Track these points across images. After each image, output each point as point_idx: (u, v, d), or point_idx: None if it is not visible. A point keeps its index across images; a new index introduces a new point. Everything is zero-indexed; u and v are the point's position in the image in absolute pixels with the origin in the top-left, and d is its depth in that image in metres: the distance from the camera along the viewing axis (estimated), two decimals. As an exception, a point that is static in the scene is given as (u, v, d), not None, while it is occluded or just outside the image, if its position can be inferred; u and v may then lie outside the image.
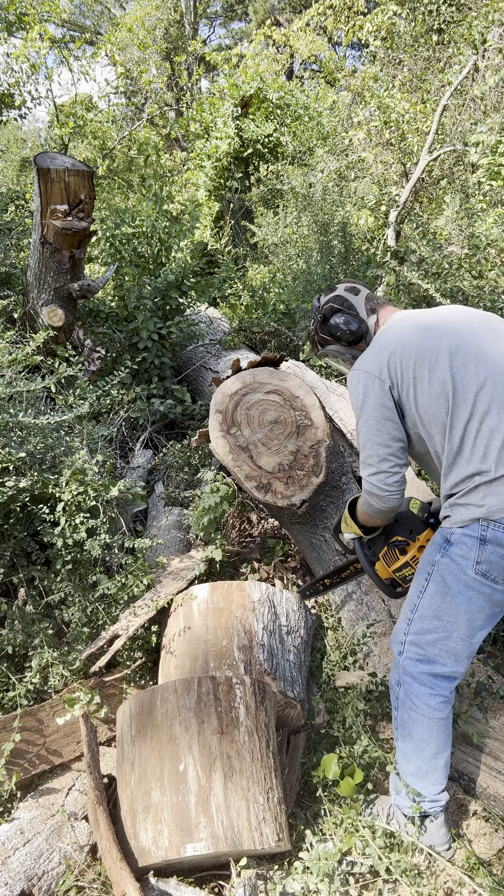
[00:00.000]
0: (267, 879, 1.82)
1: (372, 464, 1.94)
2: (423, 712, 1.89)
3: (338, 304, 2.20)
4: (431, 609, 1.86)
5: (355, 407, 1.98)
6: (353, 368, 2.00)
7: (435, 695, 1.88)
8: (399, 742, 1.97)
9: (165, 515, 3.36)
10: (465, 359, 1.84)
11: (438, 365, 1.85)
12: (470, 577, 1.79)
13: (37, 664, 2.43)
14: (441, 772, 1.92)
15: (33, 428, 2.85)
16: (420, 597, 1.90)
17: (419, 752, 1.91)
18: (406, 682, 1.92)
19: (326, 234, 5.78)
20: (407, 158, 7.36)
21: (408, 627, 1.92)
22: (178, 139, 13.54)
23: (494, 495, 1.74)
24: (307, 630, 2.64)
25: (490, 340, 1.89)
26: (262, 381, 2.98)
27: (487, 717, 2.24)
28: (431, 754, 1.90)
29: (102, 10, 17.23)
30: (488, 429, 1.76)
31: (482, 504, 1.75)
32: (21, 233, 5.51)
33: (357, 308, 2.18)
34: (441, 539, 1.88)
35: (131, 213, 4.92)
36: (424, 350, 1.88)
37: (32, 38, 7.65)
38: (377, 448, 1.92)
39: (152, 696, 1.96)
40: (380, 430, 1.91)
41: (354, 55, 18.22)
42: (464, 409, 1.80)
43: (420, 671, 1.89)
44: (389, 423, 1.91)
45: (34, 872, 1.83)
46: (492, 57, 6.61)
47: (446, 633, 1.84)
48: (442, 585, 1.84)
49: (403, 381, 1.89)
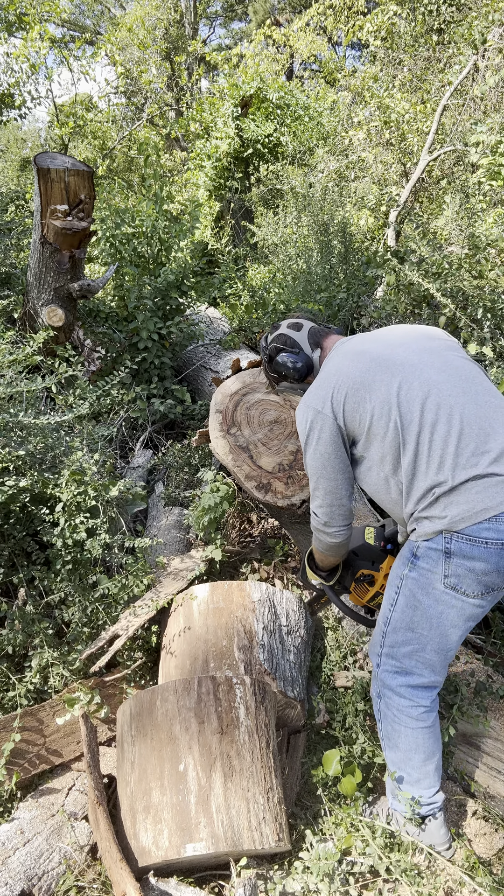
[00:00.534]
0: (267, 879, 1.82)
1: (318, 496, 1.97)
2: (406, 724, 1.88)
3: (280, 343, 2.24)
4: (403, 622, 1.84)
5: (302, 441, 1.98)
6: (301, 404, 1.99)
7: (416, 706, 1.87)
8: (387, 752, 1.97)
9: (165, 515, 3.36)
10: (404, 373, 1.82)
11: (378, 386, 1.83)
12: (440, 590, 1.75)
13: (37, 664, 2.43)
14: (433, 776, 1.91)
15: (33, 428, 2.85)
16: (392, 610, 1.88)
17: (408, 762, 1.91)
18: (386, 695, 1.92)
19: (326, 234, 5.78)
20: (407, 158, 7.35)
21: (383, 640, 1.91)
22: (178, 139, 13.54)
23: (455, 505, 1.69)
24: (307, 630, 2.64)
25: (426, 351, 1.89)
26: (262, 381, 2.98)
27: (487, 717, 2.24)
28: (420, 762, 1.90)
29: (102, 10, 17.23)
30: (440, 437, 1.73)
31: (444, 515, 1.70)
32: (21, 233, 5.51)
33: (300, 344, 2.21)
34: (408, 552, 1.83)
35: (131, 213, 4.92)
36: (363, 374, 1.87)
37: (32, 38, 7.65)
38: (323, 482, 1.94)
39: (152, 696, 1.96)
40: (325, 465, 1.92)
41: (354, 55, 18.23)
42: (412, 423, 1.76)
43: (398, 683, 1.88)
44: (334, 458, 1.91)
45: (34, 872, 1.83)
46: (492, 57, 6.61)
47: (420, 644, 1.83)
48: (412, 599, 1.81)
49: (347, 410, 1.87)
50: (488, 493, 1.67)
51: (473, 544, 1.68)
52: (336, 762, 2.10)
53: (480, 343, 3.62)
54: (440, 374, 1.81)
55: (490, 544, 1.67)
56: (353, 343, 2.04)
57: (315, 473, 1.95)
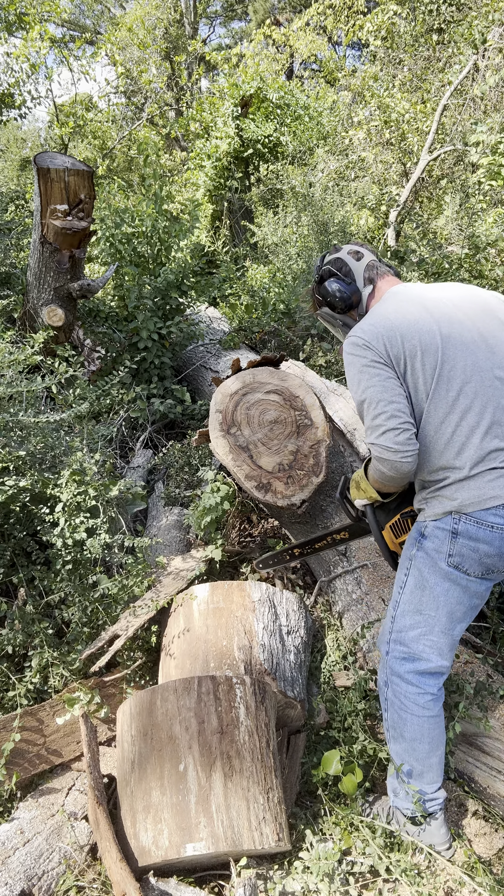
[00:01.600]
0: (267, 879, 1.82)
1: (381, 423, 1.77)
2: (412, 711, 1.89)
3: (335, 267, 2.11)
4: (412, 604, 1.88)
5: (352, 374, 1.87)
6: (351, 335, 1.90)
7: (423, 693, 1.89)
8: (391, 743, 1.97)
9: (165, 515, 3.36)
10: (455, 349, 1.80)
11: (430, 349, 1.80)
12: (444, 569, 1.81)
13: (37, 664, 2.43)
14: (436, 770, 1.92)
15: (33, 428, 2.85)
16: (401, 593, 1.92)
17: (412, 752, 1.91)
18: (394, 682, 1.93)
19: (326, 233, 5.78)
20: (407, 158, 7.35)
21: (392, 625, 1.94)
22: (178, 139, 13.53)
23: (466, 490, 1.75)
24: (307, 630, 2.64)
25: (484, 333, 1.84)
26: (262, 381, 2.98)
27: (487, 717, 2.24)
28: (424, 753, 1.90)
29: (102, 10, 17.22)
30: (468, 426, 1.74)
31: (455, 498, 1.76)
32: (21, 233, 5.52)
33: (354, 275, 2.09)
34: (416, 533, 1.89)
35: (131, 213, 4.92)
36: (420, 331, 1.82)
37: (32, 37, 7.65)
38: (383, 406, 1.77)
39: (152, 695, 1.96)
40: (385, 388, 1.79)
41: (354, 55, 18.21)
42: (445, 399, 1.77)
43: (406, 670, 1.90)
44: (392, 382, 1.81)
45: (34, 872, 1.83)
46: (492, 57, 6.61)
47: (428, 627, 1.86)
48: (420, 579, 1.86)
49: (395, 356, 1.82)
50: (499, 482, 1.73)
51: (480, 527, 1.74)
52: (336, 762, 2.11)
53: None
54: (488, 361, 1.79)
55: (496, 528, 1.73)
56: (414, 293, 1.97)
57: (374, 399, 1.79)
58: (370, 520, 2.12)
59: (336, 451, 3.07)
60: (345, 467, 3.12)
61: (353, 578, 2.76)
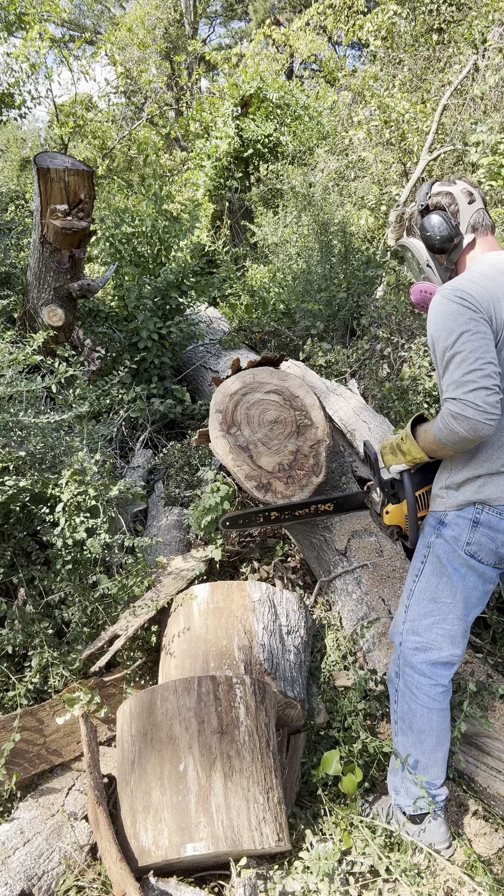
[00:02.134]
0: (267, 879, 1.82)
1: (473, 379, 1.64)
2: (422, 702, 1.90)
3: (445, 202, 1.94)
4: (428, 592, 1.90)
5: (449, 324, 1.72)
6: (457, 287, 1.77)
7: (435, 684, 1.90)
8: (398, 736, 1.98)
9: (165, 515, 3.36)
10: None
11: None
12: (461, 556, 1.84)
13: (37, 664, 2.43)
14: (440, 765, 1.93)
15: (33, 428, 2.85)
16: (416, 580, 1.93)
17: (418, 744, 1.92)
18: (406, 673, 1.93)
19: (326, 233, 5.78)
20: (407, 158, 7.35)
21: (405, 614, 1.95)
22: (177, 139, 13.53)
23: (494, 485, 1.79)
24: (307, 630, 2.64)
25: None
26: (262, 381, 2.98)
27: (487, 717, 2.24)
28: (431, 746, 1.91)
29: (102, 10, 17.22)
30: None
31: (482, 491, 1.80)
32: (21, 233, 5.51)
33: (461, 217, 1.93)
34: (434, 521, 1.91)
35: (131, 213, 4.92)
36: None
37: (32, 37, 7.64)
38: (481, 363, 1.65)
39: (152, 695, 1.96)
40: (486, 347, 1.67)
41: (354, 55, 18.21)
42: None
43: (420, 660, 1.90)
44: (492, 344, 1.70)
45: (34, 872, 1.83)
46: (492, 56, 6.61)
47: (442, 615, 1.88)
48: (438, 566, 1.88)
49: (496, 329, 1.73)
50: None
51: (501, 518, 1.79)
52: (336, 762, 2.11)
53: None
54: None
55: None
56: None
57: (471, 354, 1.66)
58: (406, 486, 1.98)
59: (336, 451, 3.07)
60: (345, 467, 3.12)
61: (353, 578, 2.76)
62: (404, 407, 3.72)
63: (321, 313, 5.07)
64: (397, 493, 2.09)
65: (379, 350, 4.33)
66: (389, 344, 4.24)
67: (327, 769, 2.11)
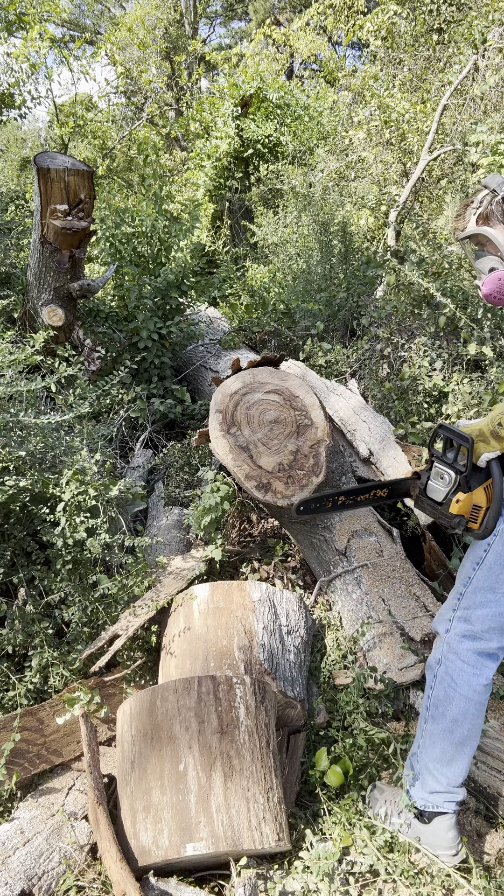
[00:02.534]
0: (267, 879, 1.83)
1: None
2: (462, 691, 1.85)
3: None
4: (488, 581, 1.84)
5: None
6: None
7: (478, 675, 1.85)
8: (428, 724, 1.92)
9: (165, 515, 3.36)
10: None
11: None
12: None
13: (37, 664, 2.43)
14: (464, 762, 1.88)
15: (33, 428, 2.85)
16: (476, 569, 1.87)
17: (448, 735, 1.87)
18: (449, 660, 1.88)
19: (326, 233, 5.78)
20: (407, 158, 7.35)
21: (457, 603, 1.89)
22: (178, 139, 13.53)
23: None
24: (307, 630, 2.64)
25: None
26: (262, 381, 2.98)
27: (488, 717, 2.24)
28: (461, 738, 1.86)
29: (102, 10, 17.23)
30: None
31: None
32: (21, 233, 5.51)
33: None
34: None
35: (131, 213, 4.92)
36: None
37: (32, 37, 7.64)
38: None
39: (152, 695, 1.96)
40: None
41: (354, 55, 18.22)
42: None
43: (466, 648, 1.86)
44: None
45: (34, 872, 1.83)
46: (492, 57, 6.61)
47: (499, 606, 1.82)
48: (502, 557, 1.82)
49: None
50: None
51: None
52: (324, 758, 2.11)
53: (480, 343, 3.62)
54: None
55: None
56: None
57: None
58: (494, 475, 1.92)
59: (336, 450, 3.07)
60: (345, 467, 3.12)
61: (353, 578, 2.76)
62: (404, 407, 3.73)
63: (321, 313, 5.08)
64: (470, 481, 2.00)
65: (379, 350, 4.33)
66: (389, 344, 4.24)
67: (318, 765, 2.12)
